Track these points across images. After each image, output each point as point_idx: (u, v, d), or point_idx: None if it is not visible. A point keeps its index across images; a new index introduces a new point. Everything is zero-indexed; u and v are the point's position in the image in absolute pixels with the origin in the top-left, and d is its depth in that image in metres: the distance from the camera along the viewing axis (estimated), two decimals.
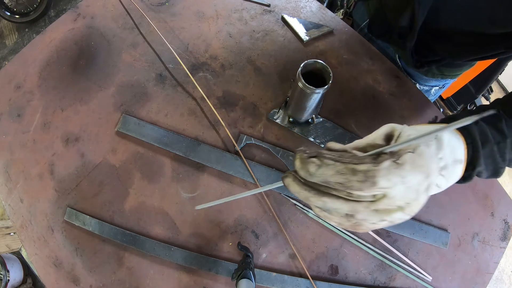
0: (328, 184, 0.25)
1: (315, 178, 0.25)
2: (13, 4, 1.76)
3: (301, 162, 0.26)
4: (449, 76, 0.70)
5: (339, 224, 0.28)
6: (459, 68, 0.68)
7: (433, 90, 0.76)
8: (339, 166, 0.25)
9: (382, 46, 0.73)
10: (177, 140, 0.59)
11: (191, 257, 0.54)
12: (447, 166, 0.30)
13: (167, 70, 0.65)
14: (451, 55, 0.59)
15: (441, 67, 0.67)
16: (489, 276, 0.59)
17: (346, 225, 0.28)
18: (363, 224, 0.27)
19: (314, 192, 0.26)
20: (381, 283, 0.56)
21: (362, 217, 0.27)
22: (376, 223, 0.27)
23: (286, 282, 0.53)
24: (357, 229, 0.28)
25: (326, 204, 0.26)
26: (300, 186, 0.27)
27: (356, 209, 0.26)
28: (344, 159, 0.25)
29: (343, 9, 0.80)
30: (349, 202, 0.26)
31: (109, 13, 0.70)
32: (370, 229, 0.28)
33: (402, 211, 0.27)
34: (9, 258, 1.23)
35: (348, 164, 0.25)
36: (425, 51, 0.61)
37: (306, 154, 0.26)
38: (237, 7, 0.71)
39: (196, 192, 0.57)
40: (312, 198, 0.26)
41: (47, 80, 0.64)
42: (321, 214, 0.29)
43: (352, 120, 0.63)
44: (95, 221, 0.55)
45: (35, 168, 0.59)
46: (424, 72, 0.69)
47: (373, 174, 0.24)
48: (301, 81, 0.48)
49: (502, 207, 0.62)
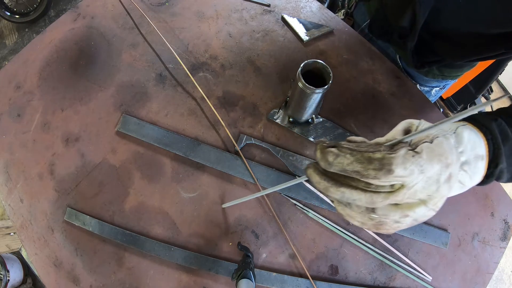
0: (345, 173, 0.25)
1: (334, 167, 0.26)
2: (13, 4, 1.76)
3: (321, 152, 0.26)
4: (450, 76, 0.70)
5: (362, 224, 0.28)
6: (460, 68, 0.68)
7: (433, 90, 0.76)
8: (356, 154, 0.25)
9: (383, 47, 0.73)
10: (177, 140, 0.59)
11: (191, 257, 0.54)
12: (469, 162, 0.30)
13: (167, 70, 0.65)
14: (451, 55, 0.59)
15: (442, 68, 0.67)
16: (489, 276, 0.59)
17: (368, 224, 0.28)
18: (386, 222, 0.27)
19: (332, 182, 0.27)
20: (381, 283, 0.56)
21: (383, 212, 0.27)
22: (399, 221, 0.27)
23: (286, 282, 0.53)
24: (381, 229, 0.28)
25: (344, 194, 0.26)
26: (320, 176, 0.27)
27: (374, 200, 0.26)
28: (361, 148, 0.25)
29: (344, 9, 0.80)
30: (367, 192, 0.26)
31: (109, 13, 0.70)
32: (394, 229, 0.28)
33: (425, 204, 0.27)
34: (9, 258, 1.23)
35: (365, 153, 0.25)
36: (426, 51, 0.61)
37: (325, 144, 0.27)
38: (237, 7, 0.71)
39: (196, 192, 0.57)
40: (331, 189, 0.27)
41: (47, 80, 0.64)
42: (343, 212, 0.29)
43: (352, 120, 0.63)
44: (95, 221, 0.55)
45: (35, 168, 0.59)
46: (424, 73, 0.69)
47: (389, 162, 0.24)
48: (301, 81, 0.48)
49: (502, 207, 0.62)
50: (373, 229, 0.29)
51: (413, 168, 0.25)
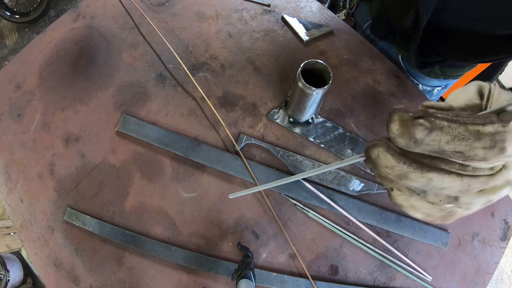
0: (442, 154, 0.19)
1: (423, 146, 0.19)
2: (13, 4, 1.76)
3: (403, 125, 0.19)
4: (452, 76, 0.69)
5: (426, 216, 0.23)
6: (461, 68, 0.68)
7: (435, 90, 0.75)
8: (457, 128, 0.19)
9: (384, 47, 0.73)
10: (177, 140, 0.59)
11: (191, 257, 0.54)
12: None
13: (167, 70, 0.65)
14: (453, 57, 0.59)
15: (444, 68, 0.67)
16: (489, 276, 0.59)
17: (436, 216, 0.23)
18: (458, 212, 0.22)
19: (417, 165, 0.20)
20: (381, 283, 0.56)
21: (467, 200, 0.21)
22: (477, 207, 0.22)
23: (286, 282, 0.53)
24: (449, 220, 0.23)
25: (431, 182, 0.20)
26: (396, 158, 0.21)
27: (471, 187, 0.20)
28: (464, 119, 0.19)
29: (345, 10, 0.80)
30: (464, 177, 0.20)
31: (109, 13, 0.70)
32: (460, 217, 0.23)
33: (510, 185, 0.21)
34: (9, 258, 1.23)
35: (470, 126, 0.18)
36: (429, 52, 0.61)
37: (409, 114, 0.20)
38: (237, 7, 0.71)
39: (196, 192, 0.57)
40: (413, 175, 0.20)
41: (47, 80, 0.64)
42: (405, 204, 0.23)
43: (352, 120, 0.63)
44: (95, 221, 0.55)
45: (35, 168, 0.59)
46: (427, 73, 0.69)
47: (503, 138, 0.18)
48: (301, 81, 0.48)
49: (502, 207, 0.62)
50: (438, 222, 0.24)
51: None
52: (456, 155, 0.19)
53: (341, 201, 0.58)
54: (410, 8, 0.53)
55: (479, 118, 0.19)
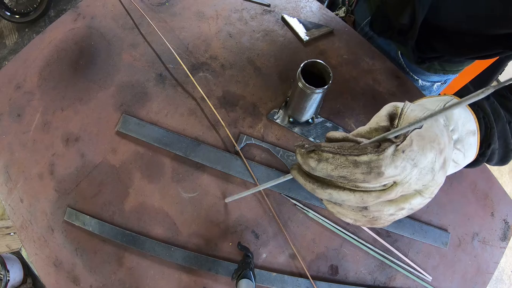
0: (331, 178, 0.24)
1: (318, 172, 0.24)
2: (13, 4, 1.76)
3: (301, 157, 0.25)
4: (451, 71, 0.70)
5: (355, 221, 0.27)
6: (461, 63, 0.68)
7: (435, 86, 0.76)
8: (339, 159, 0.23)
9: (383, 44, 0.73)
10: (177, 140, 0.59)
11: (191, 257, 0.54)
12: (462, 139, 0.29)
13: (167, 70, 0.65)
14: (450, 53, 0.59)
15: (443, 63, 0.67)
16: (489, 276, 0.59)
17: (362, 221, 0.27)
18: (381, 217, 0.26)
19: (318, 184, 0.25)
20: (381, 283, 0.56)
21: (376, 208, 0.25)
22: (395, 214, 0.26)
23: (286, 282, 0.53)
24: (376, 224, 0.27)
25: (332, 196, 0.25)
26: (304, 178, 0.26)
27: (365, 200, 0.24)
28: (344, 151, 0.23)
29: (345, 7, 0.80)
30: (357, 192, 0.24)
31: (109, 13, 0.70)
32: (390, 222, 0.27)
33: (421, 195, 0.25)
34: (9, 258, 1.23)
35: (349, 156, 0.23)
36: (426, 48, 0.61)
37: (304, 149, 0.25)
38: (237, 7, 0.71)
39: (196, 192, 0.57)
40: (318, 190, 0.25)
41: (47, 80, 0.64)
42: (333, 210, 0.27)
43: (352, 120, 0.63)
44: (95, 221, 0.55)
45: (35, 168, 0.59)
46: (426, 68, 0.69)
47: (378, 164, 0.22)
48: (301, 81, 0.48)
49: (502, 207, 0.62)
50: (367, 225, 0.28)
51: (405, 164, 0.23)
52: (341, 178, 0.23)
53: None
54: (407, 5, 0.54)
55: (357, 150, 0.23)
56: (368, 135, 0.27)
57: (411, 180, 0.24)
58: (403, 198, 0.25)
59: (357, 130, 0.28)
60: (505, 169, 1.69)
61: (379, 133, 0.26)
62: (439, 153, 0.24)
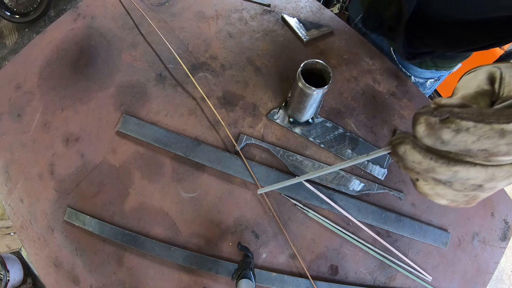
0: (467, 152, 0.21)
1: (451, 146, 0.21)
2: (13, 4, 1.76)
3: (430, 127, 0.21)
4: (444, 68, 0.70)
5: (451, 202, 0.24)
6: (453, 59, 0.68)
7: (428, 82, 0.76)
8: (482, 128, 0.19)
9: (377, 40, 0.73)
10: (177, 140, 0.59)
11: (191, 257, 0.54)
12: None
13: (167, 70, 0.65)
14: (442, 46, 0.59)
15: (435, 59, 0.67)
16: (489, 276, 0.59)
17: (461, 201, 0.24)
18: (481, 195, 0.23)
19: (443, 161, 0.21)
20: (381, 283, 0.56)
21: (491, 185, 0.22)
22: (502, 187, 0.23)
23: (286, 282, 0.53)
24: (471, 203, 0.24)
25: (457, 174, 0.21)
26: (423, 154, 0.22)
27: (496, 176, 0.21)
28: (488, 118, 0.20)
29: (339, 3, 0.81)
30: (489, 168, 0.21)
31: (109, 13, 0.70)
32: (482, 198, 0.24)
33: None
34: (9, 258, 1.23)
35: (495, 124, 0.19)
36: (417, 42, 0.61)
37: (435, 116, 0.21)
38: (237, 7, 0.71)
39: (196, 192, 0.57)
40: (440, 169, 0.21)
41: (47, 80, 0.64)
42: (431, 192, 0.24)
43: (352, 120, 0.63)
44: (95, 221, 0.55)
45: (35, 168, 0.59)
46: (418, 64, 0.69)
47: None
48: (301, 81, 0.48)
49: (502, 207, 0.62)
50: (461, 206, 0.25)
51: None
52: (481, 152, 0.20)
53: (341, 201, 0.58)
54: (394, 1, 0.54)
55: (504, 116, 0.19)
56: (474, 101, 0.23)
57: None
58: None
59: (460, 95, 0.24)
60: None
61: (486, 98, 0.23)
62: None
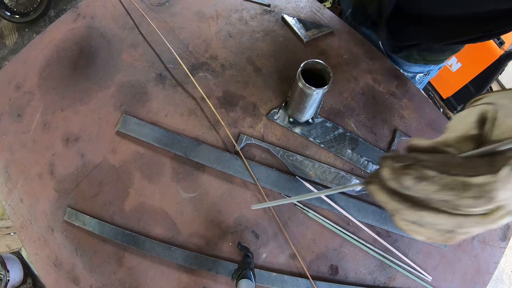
0: (428, 201, 0.20)
1: (412, 192, 0.20)
2: (13, 4, 1.76)
3: (393, 172, 0.21)
4: (432, 61, 0.70)
5: (428, 239, 0.24)
6: (441, 53, 0.68)
7: (417, 76, 0.76)
8: (445, 178, 0.19)
9: (367, 33, 0.73)
10: (177, 140, 0.59)
11: (191, 257, 0.54)
12: None
13: (167, 70, 0.65)
14: (427, 39, 0.59)
15: (422, 52, 0.67)
16: (489, 276, 0.59)
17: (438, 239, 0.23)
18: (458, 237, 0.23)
19: (408, 204, 0.21)
20: (381, 283, 0.56)
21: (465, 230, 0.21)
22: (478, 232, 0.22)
23: (286, 282, 0.53)
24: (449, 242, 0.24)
25: (423, 219, 0.21)
26: (389, 197, 0.21)
27: (462, 225, 0.21)
28: (452, 169, 0.19)
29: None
30: (455, 217, 0.20)
31: (109, 13, 0.70)
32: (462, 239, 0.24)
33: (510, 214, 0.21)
34: (9, 258, 1.23)
35: (458, 177, 0.19)
36: (401, 35, 0.61)
37: (398, 162, 0.20)
38: (237, 7, 0.71)
39: (196, 192, 0.57)
40: (406, 212, 0.21)
41: (47, 80, 0.64)
42: (407, 228, 0.23)
43: (352, 120, 0.63)
44: (95, 221, 0.55)
45: (35, 168, 0.59)
46: (405, 58, 0.69)
47: (491, 188, 0.18)
48: (301, 81, 0.48)
49: None
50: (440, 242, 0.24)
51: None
52: (443, 203, 0.20)
53: (341, 201, 0.58)
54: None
55: (469, 169, 0.19)
56: (457, 145, 0.22)
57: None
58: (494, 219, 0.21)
59: (443, 138, 0.23)
60: None
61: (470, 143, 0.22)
62: None
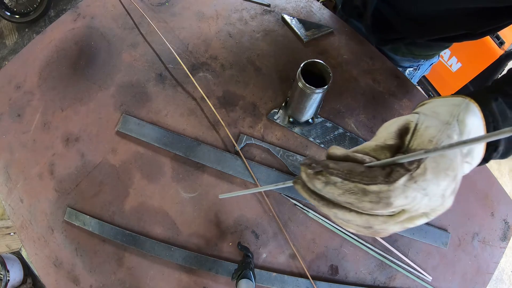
0: (336, 201, 0.23)
1: (323, 194, 0.24)
2: (13, 4, 1.76)
3: (308, 177, 0.24)
4: (421, 56, 0.70)
5: (357, 232, 0.26)
6: (429, 48, 0.68)
7: (407, 71, 0.76)
8: (347, 184, 0.22)
9: (359, 26, 0.74)
10: (177, 140, 0.59)
11: (191, 257, 0.54)
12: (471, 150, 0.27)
13: (167, 70, 0.65)
14: (412, 33, 0.60)
15: (410, 47, 0.67)
16: (489, 276, 0.59)
17: (365, 233, 0.26)
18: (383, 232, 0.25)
19: (323, 202, 0.24)
20: (381, 283, 0.56)
21: (381, 227, 0.24)
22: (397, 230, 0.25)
23: (286, 282, 0.53)
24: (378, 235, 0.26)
25: (337, 215, 0.24)
26: (309, 195, 0.25)
27: (371, 223, 0.23)
28: (354, 177, 0.22)
29: None
30: (363, 215, 0.23)
31: (109, 13, 0.70)
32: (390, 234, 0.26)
33: (427, 216, 0.25)
34: (9, 258, 1.23)
35: (358, 184, 0.22)
36: (385, 29, 0.62)
37: (311, 169, 0.24)
38: (237, 7, 0.71)
39: (196, 192, 0.57)
40: (322, 208, 0.25)
41: (47, 80, 0.64)
42: (337, 221, 0.26)
43: (352, 120, 0.63)
44: (95, 221, 0.55)
45: (35, 168, 0.59)
46: (393, 51, 0.70)
47: (387, 195, 0.21)
48: (301, 81, 0.48)
49: (502, 207, 0.62)
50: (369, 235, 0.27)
51: (415, 194, 0.22)
52: (347, 204, 0.23)
53: None
54: None
55: (367, 177, 0.22)
56: (374, 153, 0.25)
57: (420, 207, 0.23)
58: (409, 219, 0.24)
59: (362, 146, 0.26)
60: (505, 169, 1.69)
61: (386, 151, 0.24)
62: (452, 180, 0.23)
